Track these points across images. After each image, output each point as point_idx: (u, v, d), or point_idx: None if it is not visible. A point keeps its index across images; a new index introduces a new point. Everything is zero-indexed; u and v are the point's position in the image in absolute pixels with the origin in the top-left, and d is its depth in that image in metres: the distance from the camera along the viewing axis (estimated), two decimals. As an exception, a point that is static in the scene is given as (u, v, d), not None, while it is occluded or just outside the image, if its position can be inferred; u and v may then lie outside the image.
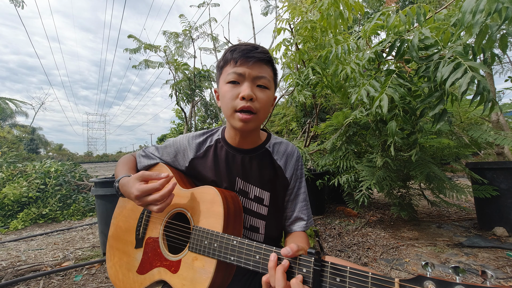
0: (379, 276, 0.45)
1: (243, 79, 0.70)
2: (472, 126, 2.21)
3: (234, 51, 0.71)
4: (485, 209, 2.19)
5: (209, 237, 0.66)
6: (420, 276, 0.43)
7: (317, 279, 0.50)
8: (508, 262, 1.62)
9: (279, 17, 2.47)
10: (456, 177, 5.25)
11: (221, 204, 0.68)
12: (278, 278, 0.50)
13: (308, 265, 0.52)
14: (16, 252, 2.14)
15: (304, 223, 0.83)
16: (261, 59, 0.71)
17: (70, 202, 3.55)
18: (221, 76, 0.74)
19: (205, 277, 0.63)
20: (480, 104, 1.07)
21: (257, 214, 0.79)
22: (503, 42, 1.05)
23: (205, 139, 0.85)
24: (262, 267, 0.57)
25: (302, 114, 5.72)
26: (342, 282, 0.48)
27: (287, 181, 0.83)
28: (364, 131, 2.50)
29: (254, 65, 0.70)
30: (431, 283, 0.41)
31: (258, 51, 0.71)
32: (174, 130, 11.74)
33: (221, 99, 0.74)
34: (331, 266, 0.49)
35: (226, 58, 0.72)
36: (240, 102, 0.69)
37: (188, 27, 5.10)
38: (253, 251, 0.59)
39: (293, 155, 0.86)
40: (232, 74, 0.70)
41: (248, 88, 0.69)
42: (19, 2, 4.95)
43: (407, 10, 1.33)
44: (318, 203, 2.95)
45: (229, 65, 0.71)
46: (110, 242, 0.87)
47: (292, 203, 0.84)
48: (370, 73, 1.52)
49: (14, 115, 17.25)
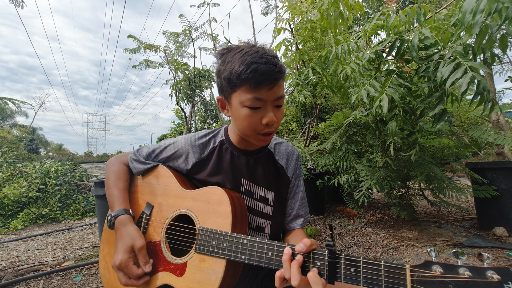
0: (391, 263, 0.48)
1: (264, 104, 0.66)
2: (472, 126, 2.21)
3: (254, 72, 0.62)
4: (485, 209, 2.19)
5: (217, 237, 0.65)
6: (428, 261, 0.46)
7: (332, 271, 0.52)
8: (508, 262, 1.62)
9: (279, 17, 2.47)
10: (456, 177, 5.25)
11: (229, 204, 0.67)
12: (294, 273, 0.52)
13: (322, 258, 0.54)
14: (16, 252, 2.14)
15: (302, 220, 0.85)
16: (280, 77, 0.67)
17: (70, 202, 3.55)
18: (235, 94, 0.67)
19: (215, 278, 0.62)
20: (480, 104, 1.07)
21: (263, 214, 0.80)
22: (503, 42, 1.05)
23: (208, 140, 0.83)
24: (276, 264, 0.58)
25: (302, 114, 5.72)
26: (356, 272, 0.50)
27: (288, 180, 0.85)
28: (364, 131, 2.50)
29: (275, 87, 0.66)
30: (438, 266, 0.45)
31: (278, 69, 0.65)
32: (174, 130, 11.74)
33: (237, 120, 0.70)
34: (345, 257, 0.52)
35: (243, 77, 0.63)
36: (263, 128, 0.68)
37: (188, 27, 5.10)
38: (265, 248, 0.60)
39: (293, 154, 0.88)
40: (252, 100, 0.65)
41: (271, 114, 0.67)
42: (19, 2, 4.95)
43: (407, 10, 1.33)
44: (318, 203, 2.94)
45: (247, 86, 0.64)
46: (103, 247, 0.83)
47: (291, 201, 0.86)
48: (370, 73, 1.52)
49: (14, 115, 17.25)
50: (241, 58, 0.64)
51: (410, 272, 0.46)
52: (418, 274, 0.46)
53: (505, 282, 0.41)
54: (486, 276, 0.42)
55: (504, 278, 0.41)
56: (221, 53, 0.71)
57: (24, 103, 16.67)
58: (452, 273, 0.44)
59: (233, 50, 0.68)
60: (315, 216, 2.88)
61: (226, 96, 0.71)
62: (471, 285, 0.42)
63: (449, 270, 0.44)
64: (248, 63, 0.63)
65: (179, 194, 0.77)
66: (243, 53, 0.65)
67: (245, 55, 0.64)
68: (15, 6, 5.01)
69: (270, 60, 0.64)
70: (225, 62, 0.68)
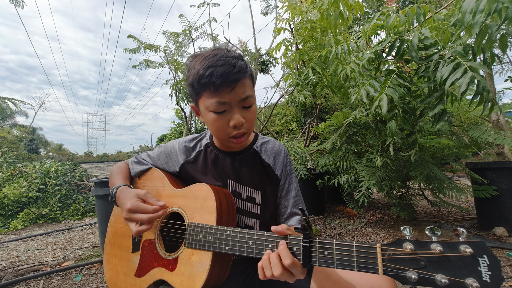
0: (362, 244, 0.49)
1: (229, 107, 0.66)
2: (472, 126, 2.21)
3: (211, 75, 0.61)
4: (485, 209, 2.19)
5: (203, 231, 0.68)
6: (399, 239, 0.47)
7: (307, 255, 0.53)
8: (508, 262, 1.62)
9: (279, 17, 2.47)
10: (456, 177, 5.24)
11: (214, 199, 0.70)
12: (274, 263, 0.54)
13: (297, 243, 0.55)
14: (16, 252, 2.14)
15: (298, 218, 0.85)
16: (242, 77, 0.65)
17: (70, 202, 3.55)
18: (200, 100, 0.68)
19: (202, 270, 0.65)
20: (480, 104, 1.07)
21: (250, 214, 0.81)
22: (503, 42, 1.05)
23: (195, 144, 0.86)
24: (256, 252, 0.60)
25: (302, 114, 5.73)
26: (330, 254, 0.52)
27: (277, 178, 0.85)
28: (364, 131, 2.50)
29: (237, 88, 0.64)
30: (409, 244, 0.45)
31: (237, 69, 0.63)
32: (174, 130, 11.74)
33: (208, 125, 0.71)
34: (319, 241, 0.53)
35: (202, 82, 0.63)
36: (232, 130, 0.68)
37: (188, 27, 5.10)
38: (246, 238, 0.62)
39: (280, 152, 0.87)
40: (216, 104, 0.64)
41: (238, 116, 0.66)
42: (19, 2, 4.96)
43: (406, 10, 1.33)
44: (318, 203, 2.94)
45: (208, 91, 0.64)
46: (106, 249, 0.89)
47: (284, 199, 0.86)
48: (370, 73, 1.52)
49: (14, 115, 17.26)
50: (200, 63, 0.64)
51: (381, 251, 0.47)
52: (390, 252, 0.46)
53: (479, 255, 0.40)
54: (459, 250, 0.41)
55: (477, 252, 0.40)
56: (189, 60, 0.71)
57: (24, 103, 16.67)
58: (423, 249, 0.44)
59: (198, 56, 0.68)
60: (315, 216, 2.88)
61: (195, 102, 0.72)
62: (443, 260, 0.42)
63: (421, 247, 0.44)
64: (205, 67, 0.63)
65: (170, 194, 0.80)
66: (203, 57, 0.65)
67: (204, 60, 0.64)
68: (15, 6, 5.01)
69: (227, 61, 0.63)
70: (190, 69, 0.68)
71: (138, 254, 0.79)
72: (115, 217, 0.91)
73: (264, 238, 0.60)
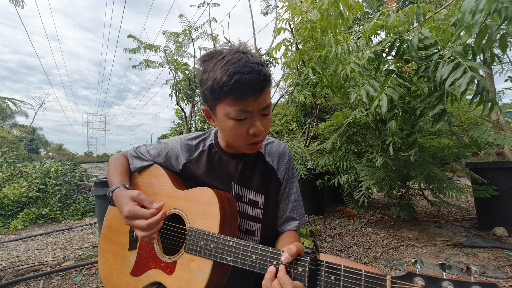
0: (372, 273, 0.47)
1: (251, 114, 0.64)
2: (472, 126, 2.21)
3: (237, 83, 0.58)
4: (485, 209, 2.19)
5: (205, 238, 0.66)
6: (410, 273, 0.45)
7: (312, 278, 0.51)
8: (508, 262, 1.62)
9: (279, 17, 2.47)
10: (456, 177, 5.24)
11: (217, 206, 0.68)
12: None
13: (303, 264, 0.53)
14: (16, 252, 2.14)
15: (296, 223, 0.83)
16: (266, 86, 0.63)
17: (70, 202, 3.55)
18: (219, 106, 0.64)
19: (201, 278, 0.63)
20: (480, 104, 1.07)
21: (252, 218, 0.79)
22: (503, 42, 1.05)
23: (198, 143, 0.84)
24: (259, 267, 0.58)
25: (302, 114, 5.73)
26: (336, 280, 0.49)
27: (279, 181, 0.83)
28: (364, 131, 2.50)
29: (261, 96, 0.63)
30: (420, 279, 0.43)
31: (262, 77, 0.61)
32: (174, 130, 11.73)
33: (224, 131, 0.69)
34: (326, 265, 0.51)
35: (226, 89, 0.59)
36: (251, 138, 0.67)
37: (188, 27, 5.10)
38: (249, 251, 0.60)
39: (285, 155, 0.85)
40: (238, 112, 0.62)
41: (259, 124, 0.65)
42: (19, 2, 4.96)
43: (406, 10, 1.33)
44: (318, 203, 2.94)
45: (232, 99, 0.61)
46: (101, 244, 0.86)
47: (284, 203, 0.84)
48: (369, 73, 1.52)
49: (14, 115, 17.26)
50: (223, 68, 0.60)
51: (390, 284, 0.45)
52: (399, 286, 0.44)
53: None
54: None
55: None
56: (203, 59, 0.67)
57: (24, 103, 16.69)
58: (434, 287, 0.42)
59: (215, 57, 0.64)
60: (315, 216, 2.88)
61: (210, 107, 0.68)
62: None
63: (432, 284, 0.42)
64: (230, 73, 0.58)
65: (171, 194, 0.78)
66: (225, 61, 0.61)
67: (227, 64, 0.60)
68: (15, 6, 5.01)
69: (254, 69, 0.60)
70: (206, 71, 0.64)
71: (135, 252, 0.78)
72: (112, 210, 0.89)
73: (269, 254, 0.58)
